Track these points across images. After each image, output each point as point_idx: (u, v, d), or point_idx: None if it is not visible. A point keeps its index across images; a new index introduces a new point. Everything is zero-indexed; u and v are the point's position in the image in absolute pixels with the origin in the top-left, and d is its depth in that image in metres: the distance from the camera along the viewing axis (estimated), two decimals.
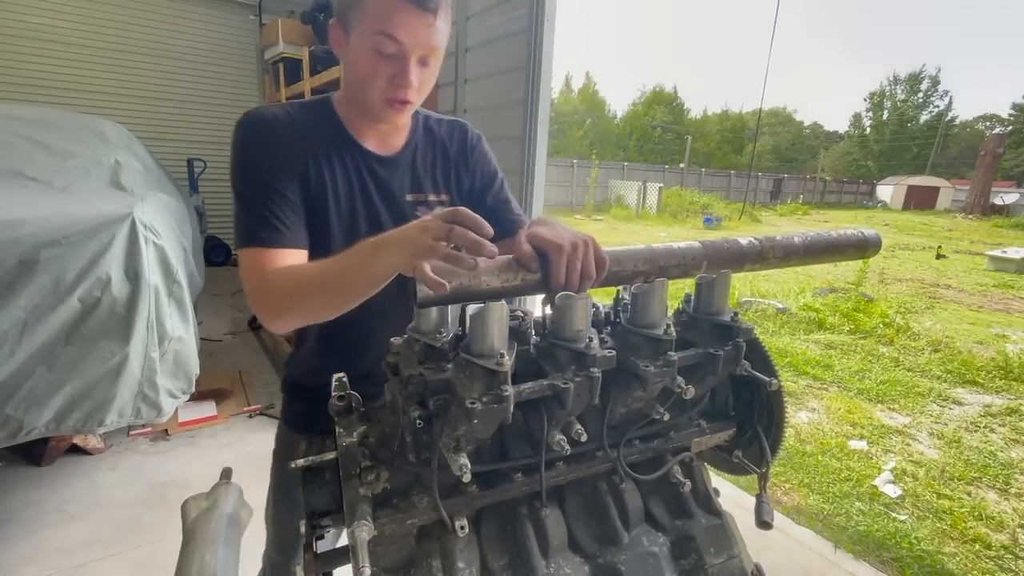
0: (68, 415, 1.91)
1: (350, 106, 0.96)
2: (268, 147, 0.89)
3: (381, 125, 0.96)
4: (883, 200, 32.71)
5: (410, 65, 0.84)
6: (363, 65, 0.85)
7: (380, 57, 0.83)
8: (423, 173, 1.03)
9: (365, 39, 0.83)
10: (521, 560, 0.65)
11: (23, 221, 1.82)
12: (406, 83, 0.85)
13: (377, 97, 0.87)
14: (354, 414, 0.63)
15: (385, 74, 0.85)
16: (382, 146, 0.99)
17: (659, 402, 0.72)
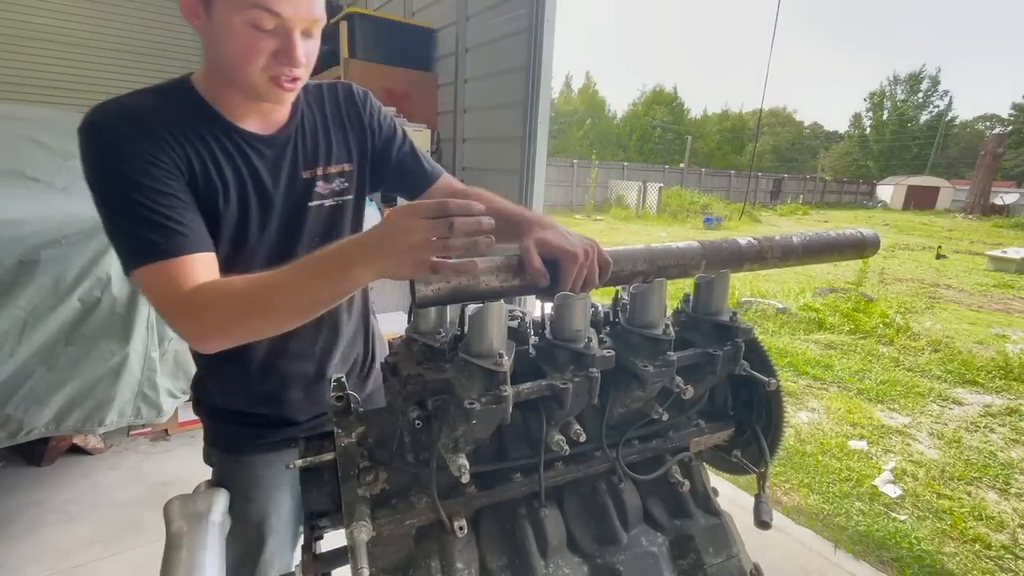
0: (68, 415, 1.91)
1: (221, 89, 0.82)
2: (132, 142, 0.73)
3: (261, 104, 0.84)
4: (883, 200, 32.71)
5: (295, 40, 0.74)
6: (238, 43, 0.73)
7: (258, 33, 0.72)
8: (316, 145, 0.92)
9: (235, 14, 0.71)
10: (520, 560, 0.65)
11: (23, 221, 1.82)
12: (294, 61, 0.75)
13: (259, 77, 0.75)
14: (352, 415, 0.63)
15: (266, 51, 0.74)
16: (264, 124, 0.87)
17: (658, 402, 0.72)
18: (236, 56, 0.74)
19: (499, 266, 0.67)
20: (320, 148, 0.93)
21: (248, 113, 0.85)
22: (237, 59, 0.74)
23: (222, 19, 0.72)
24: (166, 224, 0.71)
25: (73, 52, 5.53)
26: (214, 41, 0.75)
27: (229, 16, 0.71)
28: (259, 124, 0.86)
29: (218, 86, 0.82)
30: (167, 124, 0.76)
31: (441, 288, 0.61)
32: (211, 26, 0.74)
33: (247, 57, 0.73)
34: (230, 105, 0.83)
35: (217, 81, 0.82)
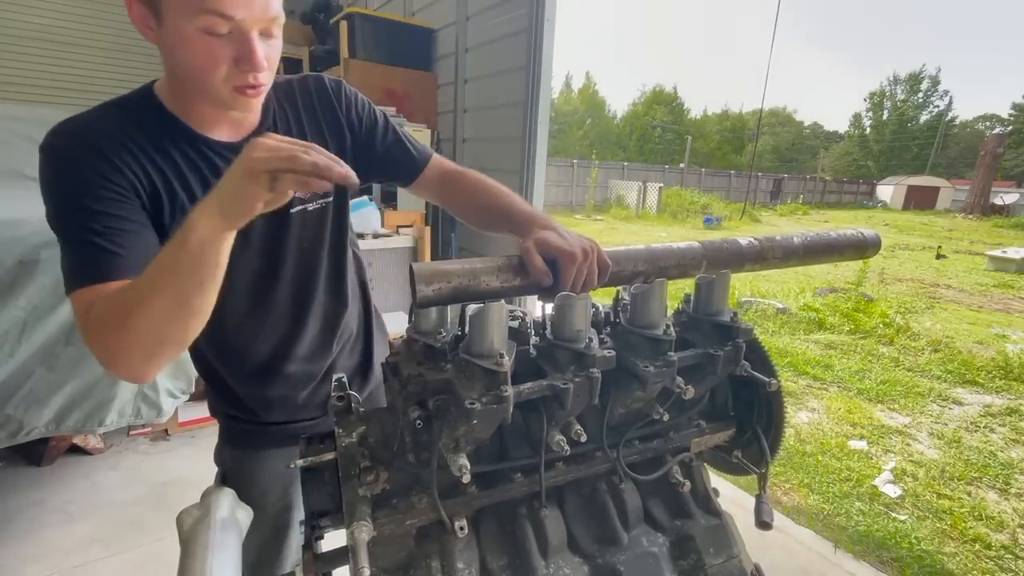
0: (68, 415, 1.91)
1: (185, 99, 0.78)
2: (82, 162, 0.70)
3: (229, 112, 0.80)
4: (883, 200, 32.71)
5: (253, 43, 0.69)
6: (195, 52, 0.68)
7: (213, 39, 0.67)
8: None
9: (186, 20, 0.65)
10: (520, 560, 0.65)
11: (23, 221, 1.82)
12: (255, 66, 0.70)
13: (221, 86, 0.71)
14: (353, 414, 0.63)
15: (225, 59, 0.69)
16: (233, 131, 0.82)
17: (659, 402, 0.72)
18: (195, 66, 0.69)
19: (499, 266, 0.68)
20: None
21: (216, 121, 0.81)
22: (196, 69, 0.69)
23: (174, 27, 0.67)
24: (102, 248, 0.67)
25: (73, 52, 5.53)
26: (171, 51, 0.70)
27: (182, 24, 0.66)
28: (228, 131, 0.82)
29: (182, 96, 0.78)
30: (127, 142, 0.73)
31: (442, 288, 0.62)
32: (165, 35, 0.69)
33: (206, 67, 0.69)
34: (196, 114, 0.79)
35: (181, 91, 0.78)
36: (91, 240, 0.67)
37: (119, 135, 0.73)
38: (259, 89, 0.74)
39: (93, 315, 0.65)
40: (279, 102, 0.88)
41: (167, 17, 0.66)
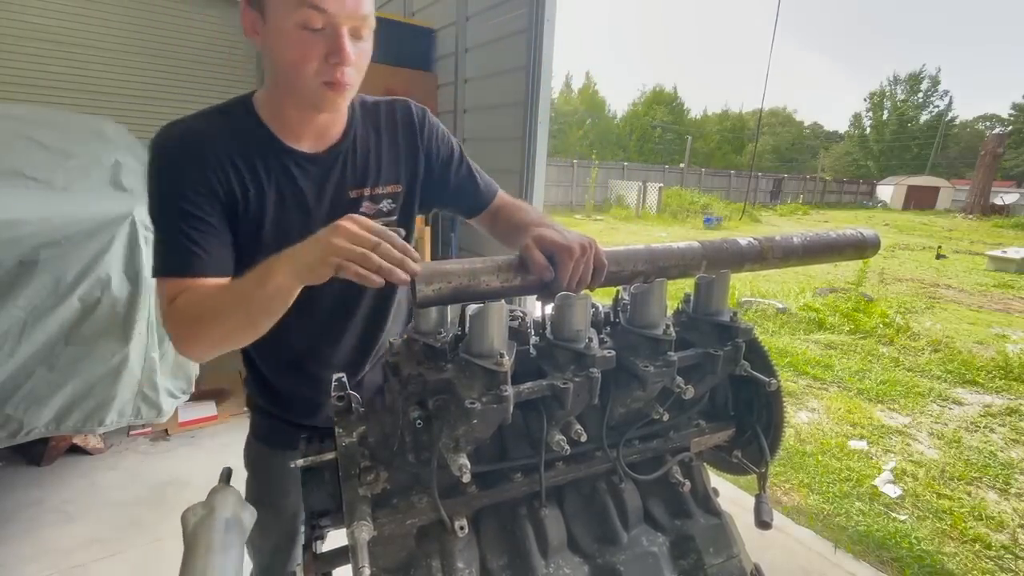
0: (68, 415, 1.91)
1: (277, 101, 0.85)
2: (181, 168, 0.80)
3: (316, 117, 0.86)
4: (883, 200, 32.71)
5: (343, 38, 0.74)
6: (289, 47, 0.74)
7: (308, 34, 0.73)
8: (365, 165, 0.92)
9: (287, 16, 0.73)
10: (520, 560, 0.65)
11: (23, 221, 1.82)
12: (343, 59, 0.75)
13: (312, 81, 0.77)
14: (353, 414, 0.63)
15: (317, 53, 0.75)
16: (315, 143, 0.88)
17: (658, 402, 0.72)
18: (290, 60, 0.76)
19: (499, 266, 0.68)
20: (370, 168, 0.93)
21: (302, 131, 0.86)
22: (291, 63, 0.76)
23: (276, 25, 0.74)
24: (188, 246, 0.78)
25: (73, 52, 5.53)
26: (271, 50, 0.78)
27: (282, 21, 0.73)
28: (311, 143, 0.88)
29: (276, 104, 0.85)
30: (221, 149, 0.82)
31: (442, 288, 0.62)
32: (267, 35, 0.76)
33: (300, 60, 0.75)
34: (285, 124, 0.86)
35: (275, 98, 0.85)
36: (181, 238, 0.78)
37: (218, 142, 0.82)
38: (345, 87, 0.78)
39: (177, 305, 0.77)
40: (363, 122, 0.93)
41: (270, 16, 0.74)
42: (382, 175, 0.94)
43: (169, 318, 0.78)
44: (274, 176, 0.85)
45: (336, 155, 0.89)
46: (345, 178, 0.90)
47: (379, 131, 0.95)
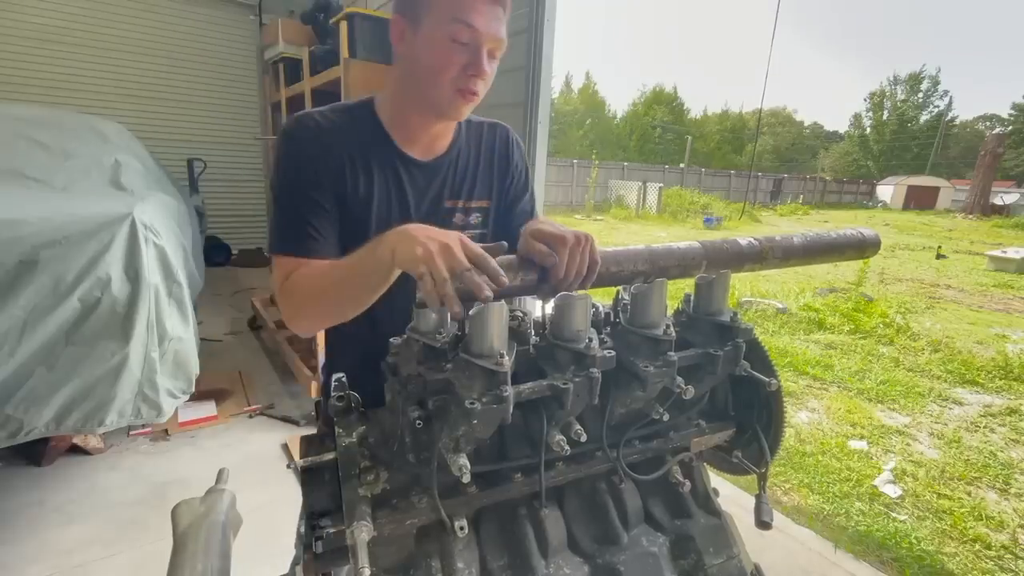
0: (68, 415, 1.91)
1: (399, 106, 0.94)
2: (307, 156, 0.89)
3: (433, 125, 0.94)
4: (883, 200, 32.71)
5: (483, 53, 0.84)
6: (435, 55, 0.84)
7: (454, 46, 0.83)
8: (464, 178, 1.01)
9: (439, 28, 0.82)
10: (520, 560, 0.65)
11: (23, 221, 1.82)
12: (480, 71, 0.84)
13: (447, 87, 0.85)
14: (353, 414, 0.63)
15: (458, 63, 0.83)
16: (425, 151, 0.97)
17: (659, 402, 0.72)
18: (433, 66, 0.84)
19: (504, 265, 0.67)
20: (467, 182, 1.01)
21: (414, 138, 0.95)
22: (433, 69, 0.84)
23: (426, 34, 0.84)
24: (303, 229, 0.86)
25: (73, 52, 5.53)
26: (415, 57, 0.87)
27: (434, 30, 0.83)
28: (422, 150, 0.97)
29: (397, 108, 0.94)
30: (342, 142, 0.90)
31: None
32: (415, 43, 0.86)
33: (443, 67, 0.84)
34: (403, 128, 0.94)
35: (398, 103, 0.93)
36: (300, 221, 0.87)
37: (343, 136, 0.91)
38: (474, 97, 0.88)
39: (290, 282, 0.84)
40: (466, 138, 1.03)
41: (423, 26, 0.84)
42: (476, 190, 1.03)
43: (283, 293, 0.86)
44: (384, 175, 0.93)
45: (441, 165, 0.98)
46: (444, 188, 0.99)
47: (479, 149, 1.04)
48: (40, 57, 5.42)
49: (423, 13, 0.84)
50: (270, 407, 2.96)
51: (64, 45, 5.51)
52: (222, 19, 6.32)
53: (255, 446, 2.58)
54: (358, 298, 0.77)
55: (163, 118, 6.05)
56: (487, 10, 0.83)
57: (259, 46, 6.33)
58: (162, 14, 5.92)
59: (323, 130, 0.90)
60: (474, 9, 0.82)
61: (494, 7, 0.84)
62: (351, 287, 0.77)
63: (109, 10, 5.65)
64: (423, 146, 0.97)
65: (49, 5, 5.38)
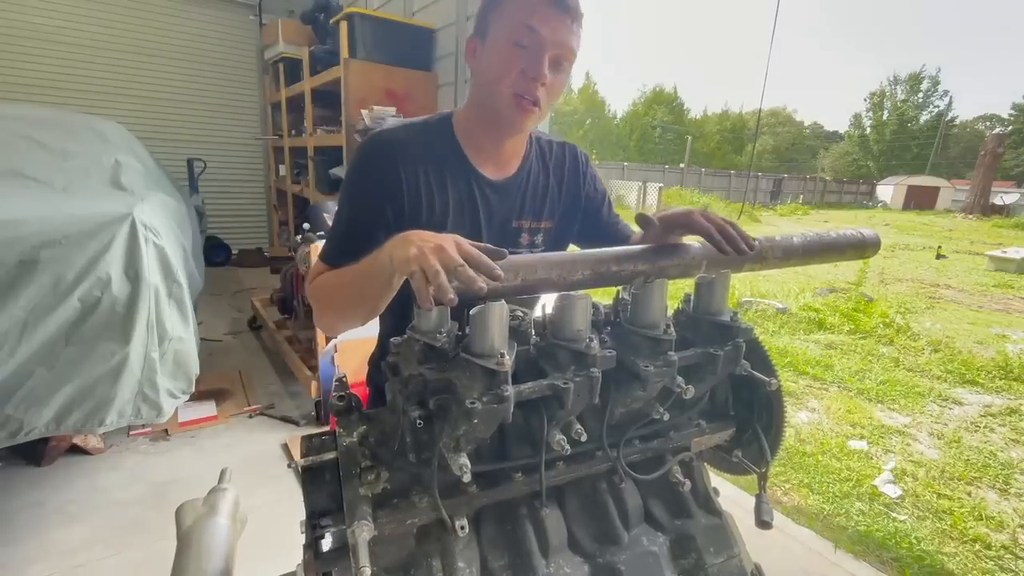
0: (68, 415, 1.91)
1: (472, 123, 0.95)
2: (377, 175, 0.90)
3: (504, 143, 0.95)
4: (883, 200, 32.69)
5: (544, 58, 0.83)
6: (496, 61, 0.85)
7: (516, 49, 0.84)
8: (532, 199, 1.02)
9: (503, 34, 0.84)
10: (521, 560, 0.65)
11: (23, 221, 1.82)
12: (538, 74, 0.83)
13: (506, 93, 0.85)
14: (354, 414, 0.63)
15: (516, 66, 0.84)
16: (497, 170, 0.98)
17: (659, 402, 0.73)
18: (493, 74, 0.86)
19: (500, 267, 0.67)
20: (536, 203, 1.03)
21: (487, 157, 0.97)
22: (493, 76, 0.86)
23: (492, 43, 0.86)
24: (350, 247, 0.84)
25: (73, 52, 5.53)
26: (481, 69, 0.89)
27: (499, 37, 0.85)
28: (494, 169, 0.98)
29: (471, 125, 0.95)
30: (422, 157, 0.92)
31: None
32: (483, 55, 0.88)
33: (501, 71, 0.85)
34: (476, 146, 0.96)
35: (471, 119, 0.95)
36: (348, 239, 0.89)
37: (420, 151, 0.92)
38: (534, 108, 0.87)
39: (314, 284, 0.89)
40: (536, 158, 1.04)
41: (490, 35, 0.87)
42: (543, 211, 1.04)
43: (310, 295, 0.90)
44: (459, 192, 0.94)
45: (511, 185, 1.00)
46: (513, 208, 1.00)
47: (548, 169, 1.05)
48: (40, 57, 5.42)
49: (492, 24, 0.87)
50: (270, 407, 2.96)
51: (64, 45, 5.51)
52: (222, 19, 6.32)
53: (255, 446, 2.58)
54: (365, 303, 0.78)
55: (163, 118, 6.05)
56: (553, 16, 0.83)
57: (259, 46, 6.33)
58: (162, 14, 5.92)
59: (398, 148, 0.91)
60: (538, 13, 0.82)
61: (562, 15, 0.84)
62: (357, 292, 0.78)
63: (109, 10, 5.65)
64: (495, 165, 0.98)
65: (49, 5, 5.38)
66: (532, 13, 0.82)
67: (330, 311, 0.87)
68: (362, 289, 0.77)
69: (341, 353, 2.57)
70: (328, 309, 0.87)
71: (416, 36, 3.65)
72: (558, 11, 0.83)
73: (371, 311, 0.80)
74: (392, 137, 0.92)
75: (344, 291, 0.82)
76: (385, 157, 0.90)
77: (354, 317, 0.83)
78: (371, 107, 3.43)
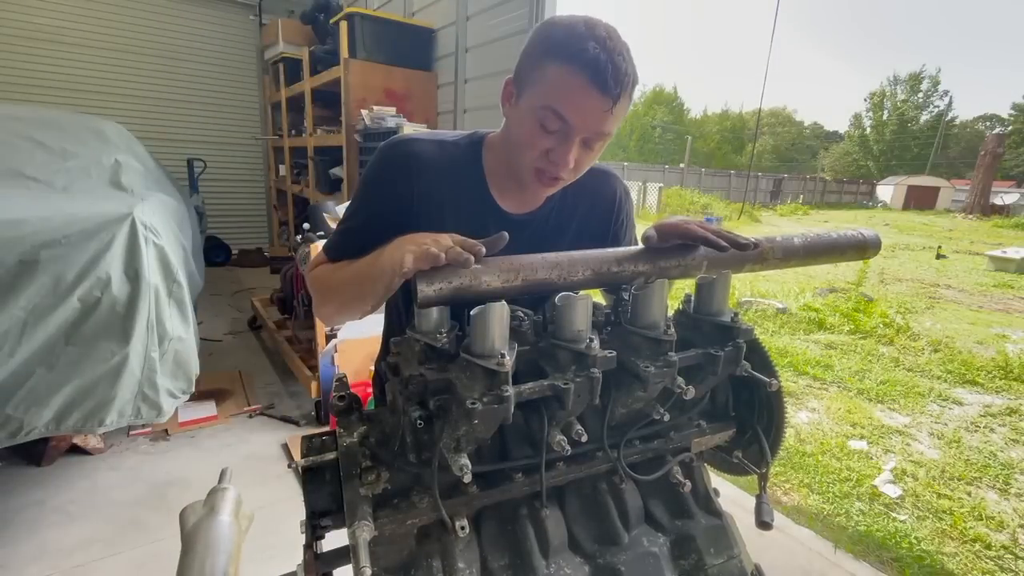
0: (68, 415, 1.91)
1: (501, 158, 0.92)
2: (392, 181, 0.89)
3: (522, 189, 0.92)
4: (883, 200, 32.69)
5: (571, 146, 0.79)
6: (524, 133, 0.81)
7: (542, 131, 0.79)
8: (557, 231, 0.98)
9: (533, 108, 0.78)
10: (521, 560, 0.65)
11: (23, 221, 1.82)
12: (563, 163, 0.80)
13: (527, 166, 0.83)
14: (354, 414, 0.63)
15: (542, 147, 0.80)
16: (518, 206, 0.95)
17: (659, 402, 0.72)
18: (519, 140, 0.83)
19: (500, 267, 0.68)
20: (560, 234, 0.98)
21: (508, 192, 0.94)
22: (518, 143, 0.83)
23: (524, 108, 0.81)
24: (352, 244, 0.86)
25: (73, 52, 5.53)
26: (510, 124, 0.86)
27: (529, 107, 0.80)
28: (514, 204, 0.95)
29: (499, 159, 0.92)
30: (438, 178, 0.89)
31: (443, 288, 0.62)
32: (515, 111, 0.84)
33: (526, 145, 0.81)
34: (498, 180, 0.93)
35: (501, 155, 0.92)
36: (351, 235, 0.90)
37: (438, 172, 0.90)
38: (555, 182, 0.85)
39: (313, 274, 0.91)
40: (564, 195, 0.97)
41: (524, 98, 0.81)
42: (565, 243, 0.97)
43: (309, 284, 0.92)
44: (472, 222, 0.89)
45: (531, 221, 0.96)
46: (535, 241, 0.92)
47: (577, 200, 0.99)
48: (40, 57, 5.42)
49: (527, 86, 0.81)
50: (270, 407, 2.96)
51: (64, 45, 5.51)
52: (222, 19, 6.32)
53: (255, 446, 2.57)
54: (362, 300, 0.80)
55: (163, 118, 6.05)
56: (589, 105, 0.75)
57: (259, 46, 6.33)
58: (162, 14, 5.92)
59: (419, 161, 0.89)
60: (571, 102, 0.75)
61: (601, 101, 0.74)
62: (356, 290, 0.80)
63: (109, 10, 5.65)
64: (517, 202, 0.95)
65: (49, 5, 5.38)
66: (564, 97, 0.75)
67: (329, 304, 0.89)
68: (361, 288, 0.78)
69: (341, 353, 2.58)
70: (327, 302, 0.89)
71: (416, 36, 3.65)
72: (597, 96, 0.74)
73: (370, 309, 0.81)
74: (415, 150, 0.89)
75: (344, 287, 0.83)
76: (400, 170, 0.88)
77: (352, 312, 0.85)
78: (371, 107, 3.43)
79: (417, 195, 0.88)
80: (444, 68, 3.60)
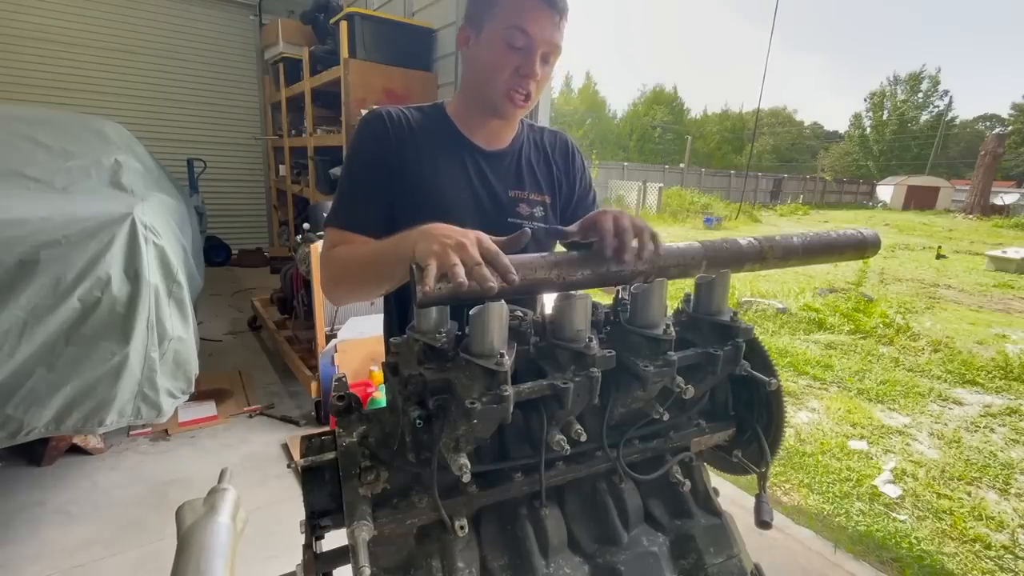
0: (68, 415, 1.91)
1: (465, 105, 1.03)
2: (375, 141, 0.97)
3: (493, 122, 1.02)
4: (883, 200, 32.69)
5: (536, 58, 0.91)
6: (491, 57, 0.92)
7: (509, 49, 0.90)
8: (526, 171, 1.07)
9: (496, 33, 0.90)
10: (521, 560, 0.65)
11: (23, 221, 1.82)
12: (531, 73, 0.91)
13: (500, 88, 0.93)
14: (354, 414, 0.63)
15: (511, 65, 0.91)
16: (491, 142, 1.04)
17: (659, 402, 0.72)
18: (488, 67, 0.93)
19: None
20: (528, 174, 1.08)
21: (480, 131, 1.04)
22: (489, 70, 0.93)
23: (486, 38, 0.92)
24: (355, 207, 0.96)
25: (73, 52, 5.53)
26: (475, 59, 0.96)
27: (493, 35, 0.91)
28: (486, 140, 1.04)
29: (463, 107, 1.03)
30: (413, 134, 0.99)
31: (442, 288, 0.62)
32: (477, 47, 0.95)
33: (497, 67, 0.92)
34: (468, 124, 1.03)
35: (464, 102, 1.03)
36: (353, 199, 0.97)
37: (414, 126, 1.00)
38: (525, 101, 0.95)
39: (330, 253, 0.93)
40: (528, 136, 1.11)
41: (485, 30, 0.93)
42: (539, 184, 1.09)
43: (324, 262, 0.94)
44: (450, 160, 1.00)
45: (504, 155, 1.06)
46: (508, 177, 1.05)
47: (540, 147, 1.12)
48: (40, 57, 5.43)
49: (485, 20, 0.92)
50: (270, 407, 2.96)
51: (64, 45, 5.51)
52: (222, 19, 6.32)
53: (255, 446, 2.58)
54: (380, 282, 0.83)
55: (163, 118, 6.05)
56: (543, 17, 0.89)
57: (259, 46, 6.34)
58: (162, 14, 5.92)
59: (395, 121, 0.98)
60: (530, 16, 0.88)
61: (551, 14, 0.90)
62: (374, 272, 0.82)
63: (109, 10, 5.65)
64: (487, 138, 1.04)
65: (49, 5, 5.38)
66: (523, 15, 0.88)
67: (343, 284, 0.91)
68: (379, 271, 0.80)
69: (341, 353, 2.57)
70: (341, 282, 0.91)
71: (416, 36, 3.65)
72: (547, 9, 0.89)
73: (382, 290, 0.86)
74: (388, 111, 1.00)
75: (361, 269, 0.85)
76: (378, 123, 0.98)
77: (366, 294, 0.90)
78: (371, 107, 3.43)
79: (396, 139, 0.97)
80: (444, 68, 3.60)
